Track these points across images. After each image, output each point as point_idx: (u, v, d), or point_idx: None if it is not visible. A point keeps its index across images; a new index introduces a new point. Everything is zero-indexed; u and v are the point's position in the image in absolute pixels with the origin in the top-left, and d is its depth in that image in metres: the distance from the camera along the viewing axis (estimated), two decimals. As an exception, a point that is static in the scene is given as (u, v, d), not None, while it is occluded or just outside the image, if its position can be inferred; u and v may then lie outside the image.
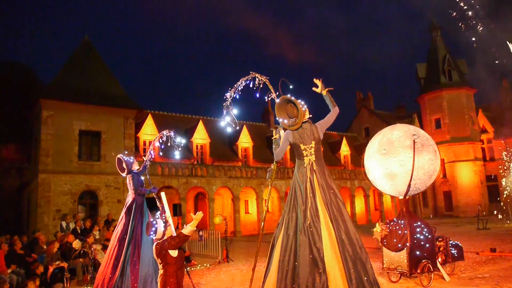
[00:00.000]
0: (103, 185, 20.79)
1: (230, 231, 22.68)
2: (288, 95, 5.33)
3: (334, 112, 5.37)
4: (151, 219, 4.81)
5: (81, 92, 21.02)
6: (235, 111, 6.76)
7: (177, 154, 8.27)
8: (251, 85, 6.46)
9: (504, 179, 23.34)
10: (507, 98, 37.59)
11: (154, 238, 4.71)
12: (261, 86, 6.40)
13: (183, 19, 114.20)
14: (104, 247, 10.32)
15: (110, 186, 20.90)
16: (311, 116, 5.40)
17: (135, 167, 7.69)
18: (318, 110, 5.71)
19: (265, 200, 27.12)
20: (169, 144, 7.98)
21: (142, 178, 7.76)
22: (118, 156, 7.69)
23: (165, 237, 4.58)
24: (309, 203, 4.87)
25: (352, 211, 31.61)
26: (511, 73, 26.88)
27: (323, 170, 5.18)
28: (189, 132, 27.78)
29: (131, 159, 7.71)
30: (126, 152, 8.01)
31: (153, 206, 7.57)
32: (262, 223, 5.90)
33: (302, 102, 5.28)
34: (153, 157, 7.92)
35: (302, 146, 5.16)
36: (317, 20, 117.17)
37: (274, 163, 5.88)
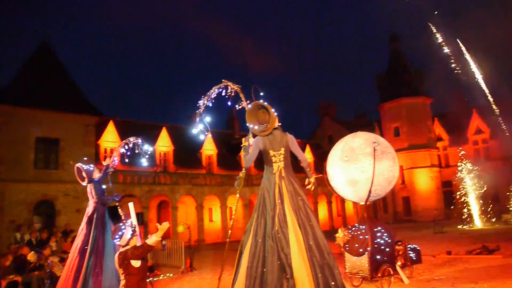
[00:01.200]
0: (61, 194, 20.02)
1: (194, 240, 22.41)
2: (261, 101, 5.38)
3: (304, 161, 5.53)
4: (120, 224, 4.70)
5: (38, 97, 20.19)
6: (208, 118, 6.78)
7: (144, 162, 8.14)
8: (223, 93, 6.49)
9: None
10: (461, 107, 39.43)
11: (118, 243, 4.59)
12: (232, 94, 6.43)
13: (147, 25, 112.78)
14: (62, 260, 9.92)
15: (69, 195, 20.15)
16: (280, 124, 5.47)
17: (96, 175, 7.47)
18: (287, 119, 5.79)
19: (231, 208, 27.12)
20: (130, 152, 7.84)
21: (104, 186, 7.56)
22: (77, 164, 7.46)
23: (129, 246, 4.48)
24: (278, 210, 4.90)
25: (316, 217, 32.02)
26: (465, 82, 28.25)
27: (292, 176, 5.24)
28: (152, 139, 27.34)
29: (91, 167, 7.50)
30: (85, 159, 7.78)
31: (115, 215, 7.39)
32: (229, 231, 5.89)
33: (273, 110, 5.34)
34: (116, 164, 7.75)
35: (272, 153, 5.19)
36: (282, 30, 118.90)
37: (243, 170, 5.88)
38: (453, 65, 26.64)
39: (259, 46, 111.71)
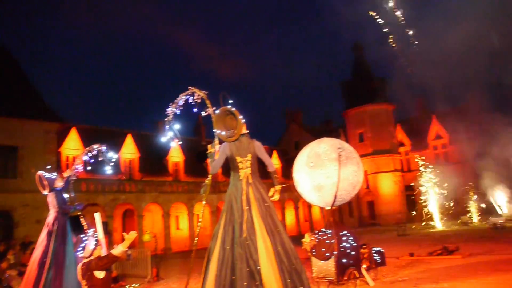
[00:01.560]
0: (19, 205, 19.17)
1: (161, 248, 22.03)
2: (229, 106, 5.38)
3: (271, 166, 5.54)
4: (82, 236, 4.56)
5: (-5, 103, 19.37)
6: (177, 126, 6.72)
7: (108, 170, 7.95)
8: (190, 100, 6.46)
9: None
10: (422, 113, 40.91)
11: (81, 255, 4.46)
12: (199, 101, 6.42)
13: (113, 29, 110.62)
14: (21, 273, 9.50)
15: (28, 206, 19.29)
16: (248, 131, 5.49)
17: (58, 184, 7.22)
18: (255, 125, 5.83)
19: (198, 215, 26.84)
20: (94, 159, 7.65)
21: (66, 195, 7.31)
22: (38, 173, 7.19)
23: (92, 257, 4.35)
24: (245, 216, 4.89)
25: (283, 223, 32.09)
26: (425, 89, 29.38)
27: (259, 183, 5.25)
28: (117, 146, 26.73)
29: (53, 175, 7.25)
30: (49, 167, 7.52)
31: (77, 225, 7.16)
32: (196, 239, 5.83)
33: (241, 116, 5.35)
34: (79, 172, 7.53)
35: (239, 159, 5.18)
36: (249, 37, 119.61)
37: (209, 177, 5.84)
38: (412, 72, 27.62)
39: (227, 54, 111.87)
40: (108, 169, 7.86)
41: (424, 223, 25.50)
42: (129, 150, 27.12)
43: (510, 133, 23.26)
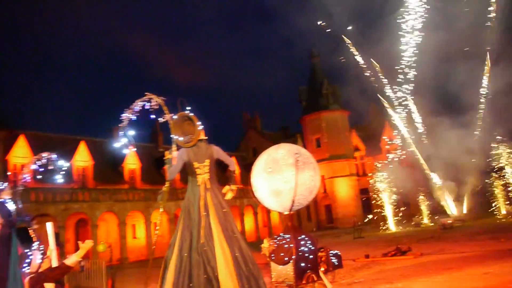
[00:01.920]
0: (-39, 217, 17.96)
1: (116, 259, 21.35)
2: (186, 112, 5.33)
3: (232, 166, 5.67)
4: (27, 251, 4.31)
5: None
6: (131, 132, 6.57)
7: (59, 178, 7.62)
8: (146, 106, 6.35)
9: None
10: (375, 119, 42.36)
11: (27, 271, 4.22)
12: (156, 107, 6.33)
13: (66, 34, 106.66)
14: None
15: (-29, 217, 18.13)
16: (206, 138, 5.46)
17: (4, 196, 6.81)
18: (213, 132, 5.81)
19: (156, 223, 26.26)
20: (43, 168, 7.31)
21: (13, 206, 6.90)
22: (-20, 182, 6.76)
23: (41, 270, 4.13)
24: (203, 222, 4.85)
25: (242, 229, 32.19)
26: (378, 96, 30.46)
27: (217, 188, 5.23)
28: (69, 154, 25.69)
29: (2, 185, 6.83)
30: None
31: (25, 237, 6.78)
32: (153, 247, 5.69)
33: (199, 122, 5.32)
34: (27, 181, 7.16)
35: (196, 164, 5.14)
36: (206, 43, 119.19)
37: (167, 184, 5.75)
38: (367, 80, 28.67)
39: (185, 60, 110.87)
40: (59, 178, 7.53)
41: (381, 227, 26.31)
42: (82, 158, 26.17)
43: (456, 134, 24.62)
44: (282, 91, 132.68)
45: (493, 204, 23.71)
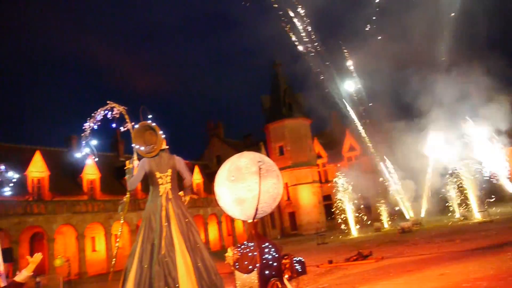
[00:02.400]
0: None
1: (75, 273, 20.53)
2: (149, 122, 5.28)
3: (188, 180, 5.58)
4: None
5: None
6: (94, 142, 6.42)
7: (7, 191, 7.28)
8: (108, 115, 6.25)
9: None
10: (336, 127, 43.31)
11: None
12: (117, 116, 6.24)
13: (19, 41, 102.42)
14: None
15: None
16: (168, 147, 5.40)
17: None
18: (176, 140, 5.76)
19: (117, 235, 25.48)
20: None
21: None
22: None
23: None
24: (164, 233, 4.78)
25: (206, 238, 31.84)
26: (339, 104, 31.23)
27: (179, 199, 5.18)
28: (23, 164, 24.57)
29: None
30: None
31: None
32: (114, 260, 5.53)
33: (161, 131, 5.27)
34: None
35: (158, 174, 5.09)
36: (169, 51, 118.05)
37: (127, 194, 5.63)
38: (327, 88, 29.34)
39: (146, 68, 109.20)
40: (7, 190, 7.20)
41: (341, 232, 26.77)
42: (37, 168, 25.10)
43: (413, 141, 25.57)
44: (245, 99, 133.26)
45: (449, 207, 24.68)
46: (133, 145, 5.30)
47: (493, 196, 24.02)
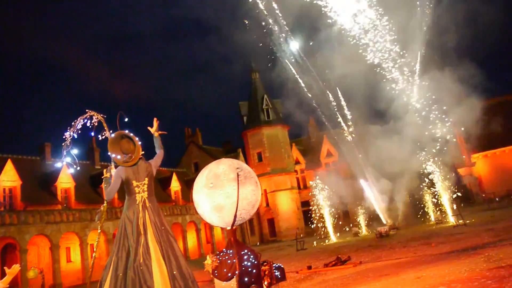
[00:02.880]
0: None
1: (49, 285, 19.96)
2: (126, 131, 5.24)
3: (160, 154, 5.56)
4: None
5: None
6: (75, 151, 6.33)
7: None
8: (88, 124, 6.20)
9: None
10: (314, 133, 43.74)
11: None
12: (95, 124, 6.19)
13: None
14: None
15: None
16: (143, 153, 5.37)
17: None
18: (153, 147, 5.71)
19: (93, 245, 24.93)
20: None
21: None
22: None
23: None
24: (141, 241, 4.74)
25: (185, 246, 31.48)
26: (315, 110, 31.60)
27: (156, 207, 5.15)
28: (-6, 174, 23.87)
29: None
30: None
31: None
32: (91, 270, 5.43)
33: (137, 138, 5.23)
34: None
35: (135, 183, 5.05)
36: (147, 58, 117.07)
37: (105, 203, 5.55)
38: (307, 95, 29.67)
39: (124, 75, 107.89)
40: None
41: (320, 237, 26.94)
42: (9, 177, 24.36)
43: (388, 143, 26.07)
44: (224, 106, 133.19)
45: (424, 211, 25.18)
46: (109, 153, 5.24)
47: (468, 200, 24.67)
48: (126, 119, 5.63)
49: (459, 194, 22.43)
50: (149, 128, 5.65)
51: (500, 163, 35.15)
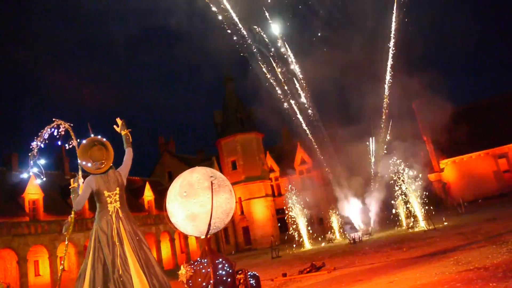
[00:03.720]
0: None
1: (15, 300, 19.17)
2: (99, 136, 5.12)
3: (128, 153, 5.47)
4: None
5: None
6: (42, 161, 6.17)
7: None
8: (55, 133, 6.06)
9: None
10: (288, 140, 44.07)
11: None
12: (62, 133, 6.05)
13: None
14: None
15: None
16: (111, 165, 5.26)
17: None
18: (122, 160, 5.62)
19: (61, 257, 24.16)
20: None
21: None
22: None
23: None
24: (118, 252, 4.64)
25: (159, 256, 30.94)
26: (289, 118, 31.91)
27: (129, 216, 5.06)
28: (-43, 186, 22.88)
29: None
30: None
31: None
32: (59, 283, 5.27)
33: (110, 148, 5.13)
34: None
35: (106, 193, 4.93)
36: (119, 67, 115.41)
37: (72, 214, 5.41)
38: (281, 103, 29.93)
39: (94, 84, 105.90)
40: None
41: (295, 245, 27.03)
42: (-27, 189, 23.42)
43: (359, 151, 26.58)
44: (198, 114, 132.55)
45: (396, 217, 25.66)
46: (79, 161, 5.13)
47: (438, 205, 25.31)
48: (92, 135, 5.52)
49: (425, 200, 22.99)
50: (114, 127, 5.61)
51: (467, 169, 36.32)
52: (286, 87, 29.88)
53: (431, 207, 23.29)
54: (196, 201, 6.62)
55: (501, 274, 6.06)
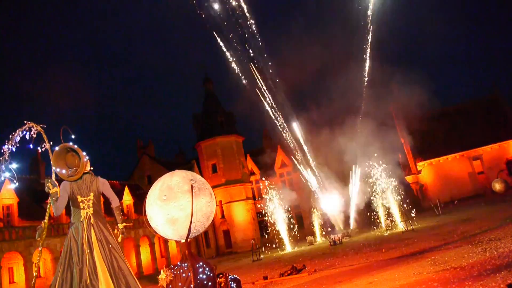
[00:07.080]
0: None
1: (-12, 309, 18.57)
2: (70, 143, 5.02)
3: (114, 201, 5.45)
4: None
5: None
6: (14, 165, 5.98)
7: None
8: (27, 136, 5.87)
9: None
10: (267, 143, 44.14)
11: None
12: (34, 136, 5.87)
13: None
14: None
15: None
16: (92, 168, 5.17)
17: None
18: (103, 160, 5.51)
19: (35, 263, 23.47)
20: None
21: None
22: None
23: None
24: (87, 260, 4.53)
25: (138, 261, 30.47)
26: (270, 121, 32.04)
27: (102, 223, 4.95)
28: None
29: None
30: None
31: None
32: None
33: (84, 153, 5.03)
34: None
35: (80, 198, 4.84)
36: (95, 69, 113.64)
37: (45, 219, 5.28)
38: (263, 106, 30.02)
39: (69, 86, 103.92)
40: None
41: (276, 247, 27.08)
42: None
43: (338, 152, 26.88)
44: (177, 117, 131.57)
45: (375, 218, 26.00)
46: (53, 168, 5.02)
47: (415, 207, 25.73)
48: (73, 136, 5.39)
49: (402, 201, 23.38)
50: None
51: (444, 170, 37.14)
52: (264, 88, 30.00)
53: (411, 208, 23.66)
54: (176, 205, 6.57)
55: (476, 273, 6.20)
